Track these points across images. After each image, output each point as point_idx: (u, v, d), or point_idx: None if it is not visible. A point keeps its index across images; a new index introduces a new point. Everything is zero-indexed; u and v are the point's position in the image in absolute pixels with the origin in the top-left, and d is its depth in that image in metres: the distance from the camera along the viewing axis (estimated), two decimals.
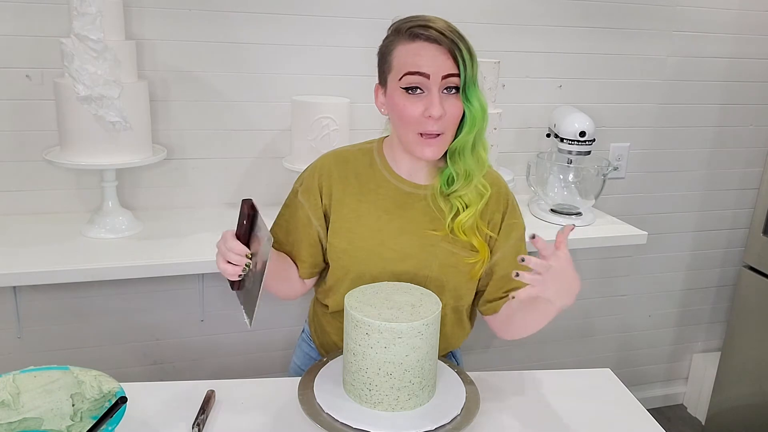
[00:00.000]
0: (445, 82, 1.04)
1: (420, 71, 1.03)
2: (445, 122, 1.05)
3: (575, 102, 2.07)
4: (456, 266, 1.16)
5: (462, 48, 1.03)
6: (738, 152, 2.37)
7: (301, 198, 1.19)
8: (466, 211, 1.13)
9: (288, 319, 2.00)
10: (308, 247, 1.20)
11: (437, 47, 1.03)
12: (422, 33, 1.04)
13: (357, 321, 0.98)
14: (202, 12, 1.71)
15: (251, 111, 1.83)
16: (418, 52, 1.04)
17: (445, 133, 1.07)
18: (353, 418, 0.98)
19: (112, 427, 0.93)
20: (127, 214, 1.67)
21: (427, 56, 1.03)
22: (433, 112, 1.03)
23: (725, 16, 2.16)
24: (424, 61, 1.03)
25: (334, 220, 1.18)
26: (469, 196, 1.13)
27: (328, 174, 1.18)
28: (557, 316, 1.07)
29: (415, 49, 1.04)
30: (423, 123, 1.05)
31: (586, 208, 1.96)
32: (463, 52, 1.03)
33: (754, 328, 2.13)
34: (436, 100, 1.03)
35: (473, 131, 1.07)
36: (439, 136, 1.06)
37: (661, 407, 2.64)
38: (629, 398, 1.24)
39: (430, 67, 1.03)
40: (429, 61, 1.03)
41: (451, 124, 1.06)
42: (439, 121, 1.05)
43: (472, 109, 1.05)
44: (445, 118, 1.05)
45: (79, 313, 1.82)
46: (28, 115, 1.66)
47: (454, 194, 1.13)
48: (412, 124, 1.06)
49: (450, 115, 1.05)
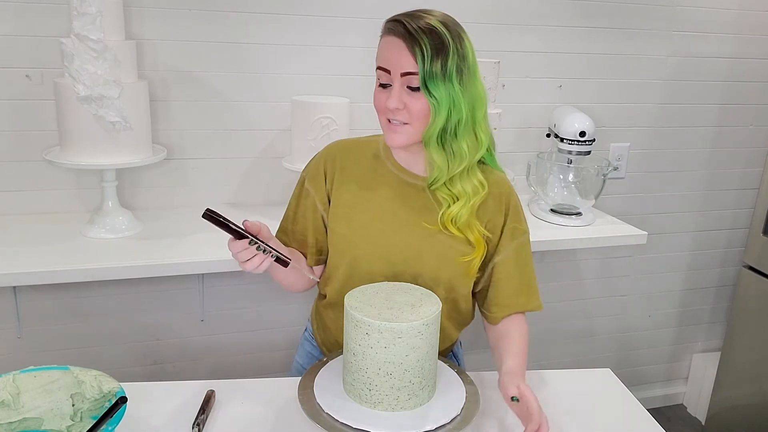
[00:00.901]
0: (405, 79, 1.06)
1: (383, 66, 1.08)
2: (406, 116, 1.08)
3: (575, 102, 2.07)
4: (452, 259, 1.16)
5: (425, 44, 1.03)
6: (738, 152, 2.36)
7: (309, 185, 1.22)
8: (457, 204, 1.14)
9: (289, 319, 2.00)
10: (314, 233, 1.23)
11: (400, 43, 1.05)
12: (391, 28, 1.07)
13: (357, 321, 0.98)
14: (202, 12, 1.71)
15: (251, 111, 1.83)
16: (384, 47, 1.08)
17: (410, 124, 1.09)
18: (353, 418, 0.98)
19: (112, 427, 0.93)
20: (127, 214, 1.67)
21: (389, 52, 1.07)
22: (389, 103, 1.07)
23: (725, 16, 2.16)
24: (387, 57, 1.07)
25: (334, 205, 1.20)
26: (459, 189, 1.13)
27: (332, 160, 1.21)
28: (557, 317, 1.07)
29: (384, 43, 1.08)
30: (387, 113, 1.09)
31: (586, 208, 1.96)
32: (425, 48, 1.03)
33: (754, 328, 2.13)
34: (394, 93, 1.07)
35: (436, 124, 1.08)
36: (404, 126, 1.09)
37: (661, 407, 2.64)
38: (629, 398, 1.24)
39: (391, 64, 1.06)
40: (391, 56, 1.06)
41: (415, 117, 1.08)
42: (399, 113, 1.07)
43: (434, 103, 1.06)
44: (407, 111, 1.07)
45: (79, 313, 1.82)
46: (28, 115, 1.66)
47: (434, 185, 1.15)
48: (380, 113, 1.11)
49: (413, 110, 1.07)
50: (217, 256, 1.53)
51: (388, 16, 1.10)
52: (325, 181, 1.21)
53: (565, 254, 2.25)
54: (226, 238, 1.06)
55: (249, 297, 1.96)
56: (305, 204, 1.23)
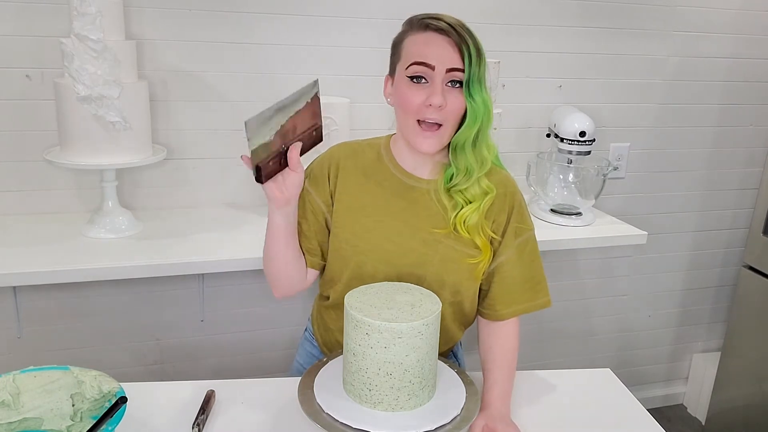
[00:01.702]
0: (450, 75, 1.05)
1: (426, 62, 1.05)
2: (445, 114, 1.07)
3: (575, 102, 2.07)
4: (457, 262, 1.16)
5: (470, 44, 1.04)
6: (738, 152, 2.36)
7: (309, 186, 1.20)
8: (469, 206, 1.14)
9: (289, 319, 2.00)
10: (316, 235, 1.20)
11: (446, 39, 1.05)
12: (433, 24, 1.06)
13: (357, 321, 0.98)
14: (202, 12, 1.71)
15: (251, 111, 1.81)
16: (426, 42, 1.06)
17: (444, 125, 1.08)
18: (353, 418, 0.98)
19: (112, 427, 0.93)
20: (127, 214, 1.67)
21: (434, 47, 1.05)
22: (434, 100, 1.05)
23: (725, 16, 2.16)
24: (431, 52, 1.05)
25: (337, 209, 1.19)
26: (472, 192, 1.14)
27: (336, 163, 1.20)
28: (557, 317, 1.07)
29: (425, 38, 1.06)
30: (423, 111, 1.07)
31: (586, 208, 1.96)
32: (470, 48, 1.04)
33: (754, 328, 2.13)
34: (438, 90, 1.05)
35: (474, 127, 1.08)
36: (437, 129, 1.08)
37: (661, 407, 2.64)
38: (629, 398, 1.24)
39: (435, 59, 1.05)
40: (436, 52, 1.05)
41: (451, 117, 1.07)
42: (439, 110, 1.06)
43: (474, 105, 1.06)
44: (445, 109, 1.06)
45: (79, 313, 1.82)
46: (28, 115, 1.66)
47: (455, 188, 1.14)
48: (412, 111, 1.08)
49: (451, 108, 1.06)
50: (217, 256, 1.54)
51: (391, 16, 1.10)
52: (329, 183, 1.20)
53: (565, 254, 2.25)
54: (226, 238, 1.06)
55: (249, 297, 1.96)
56: (305, 206, 1.20)
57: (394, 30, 1.14)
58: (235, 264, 1.55)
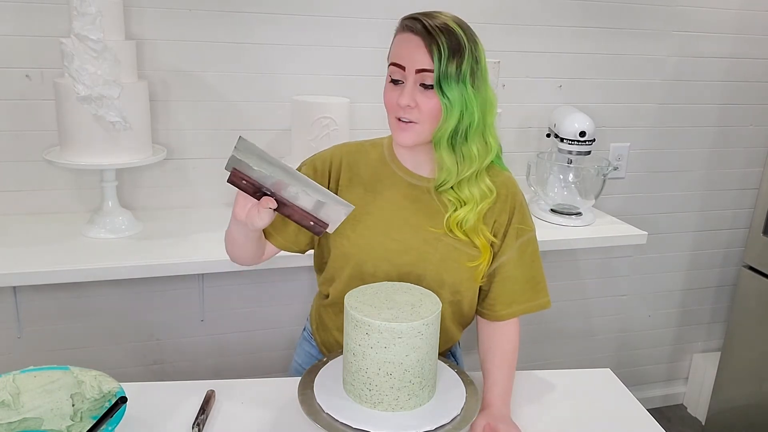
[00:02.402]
0: (420, 76, 1.06)
1: (398, 62, 1.07)
2: (419, 114, 1.08)
3: (575, 102, 2.07)
4: (457, 261, 1.16)
5: (441, 43, 1.03)
6: (738, 152, 2.36)
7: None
8: (463, 208, 1.14)
9: (289, 319, 2.00)
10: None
11: (417, 40, 1.05)
12: (408, 25, 1.07)
13: (357, 321, 0.98)
14: (202, 12, 1.71)
15: (251, 111, 1.83)
16: (400, 44, 1.08)
17: (420, 123, 1.09)
18: (353, 418, 0.98)
19: (112, 427, 0.93)
20: (127, 214, 1.67)
21: (406, 48, 1.06)
22: (401, 100, 1.07)
23: (725, 16, 2.16)
24: (403, 53, 1.07)
25: None
26: (466, 193, 1.13)
27: (339, 160, 1.20)
28: (557, 317, 1.07)
29: (400, 40, 1.08)
30: (398, 111, 1.09)
31: (586, 208, 1.96)
32: (442, 47, 1.03)
33: (754, 328, 2.13)
34: (407, 91, 1.06)
35: (447, 124, 1.08)
36: (414, 124, 1.09)
37: (661, 407, 2.64)
38: (629, 398, 1.24)
39: (406, 60, 1.06)
40: (407, 53, 1.06)
41: (426, 116, 1.08)
42: (411, 110, 1.07)
43: (446, 104, 1.06)
44: (418, 109, 1.07)
45: (79, 313, 1.82)
46: (27, 115, 1.66)
47: (442, 188, 1.14)
48: (390, 110, 1.11)
49: (424, 108, 1.07)
50: (217, 256, 1.53)
51: (391, 16, 1.10)
52: (329, 180, 1.19)
53: (565, 254, 2.25)
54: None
55: (249, 297, 1.96)
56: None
57: (393, 30, 1.15)
58: (234, 264, 1.54)
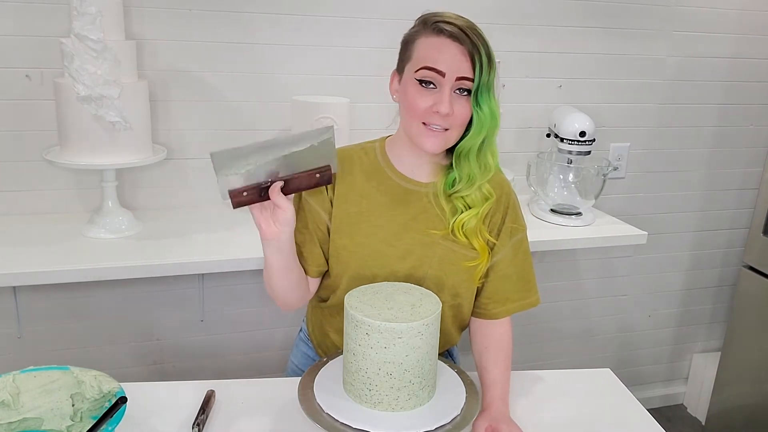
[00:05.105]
0: (459, 83, 1.04)
1: (436, 68, 1.04)
2: (450, 121, 1.06)
3: (575, 102, 2.07)
4: (455, 263, 1.16)
5: (482, 52, 1.03)
6: (738, 152, 2.36)
7: (307, 197, 1.17)
8: (468, 212, 1.14)
9: (289, 319, 2.00)
10: (318, 244, 1.18)
11: (458, 47, 1.03)
12: (446, 29, 1.04)
13: (357, 321, 0.98)
14: (202, 12, 1.71)
15: (251, 111, 1.83)
16: (438, 48, 1.05)
17: (450, 130, 1.07)
18: (353, 418, 0.98)
19: (112, 427, 0.93)
20: (127, 214, 1.67)
21: (446, 54, 1.04)
22: (441, 108, 1.04)
23: (725, 16, 2.16)
24: (442, 58, 1.04)
25: (336, 216, 1.17)
26: (472, 198, 1.14)
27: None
28: (557, 316, 1.07)
29: (437, 44, 1.05)
30: (429, 116, 1.06)
31: (586, 208, 1.96)
32: (482, 56, 1.03)
33: (754, 328, 2.13)
34: (446, 98, 1.04)
35: (479, 136, 1.08)
36: (444, 131, 1.07)
37: (661, 407, 2.64)
38: (629, 398, 1.24)
39: (446, 66, 1.04)
40: (447, 59, 1.04)
41: (457, 124, 1.07)
42: (445, 118, 1.05)
43: (480, 115, 1.05)
44: (451, 117, 1.06)
45: (79, 313, 1.82)
46: (27, 115, 1.66)
47: (456, 195, 1.14)
48: (418, 115, 1.07)
49: (458, 116, 1.06)
50: (217, 256, 1.54)
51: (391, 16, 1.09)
52: (327, 190, 1.17)
53: (565, 254, 2.25)
54: (226, 238, 1.05)
55: (249, 297, 1.96)
56: (304, 216, 1.17)
57: (394, 30, 1.14)
58: (235, 264, 1.55)
